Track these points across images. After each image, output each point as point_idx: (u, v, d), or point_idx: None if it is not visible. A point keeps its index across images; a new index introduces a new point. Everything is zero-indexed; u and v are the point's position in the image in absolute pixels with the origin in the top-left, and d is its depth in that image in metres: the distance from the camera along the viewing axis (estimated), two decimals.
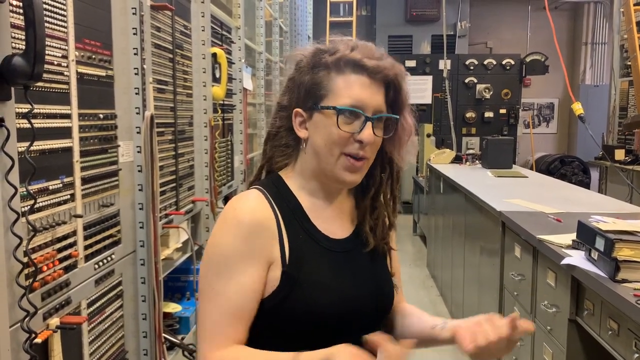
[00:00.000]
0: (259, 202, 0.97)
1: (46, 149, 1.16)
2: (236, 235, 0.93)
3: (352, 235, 1.05)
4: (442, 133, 7.47)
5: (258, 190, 1.00)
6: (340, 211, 1.06)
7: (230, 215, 0.95)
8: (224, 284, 0.92)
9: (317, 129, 0.97)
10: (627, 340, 1.55)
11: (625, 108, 5.50)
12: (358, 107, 0.95)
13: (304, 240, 0.98)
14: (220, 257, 0.93)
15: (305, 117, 0.99)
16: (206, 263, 0.95)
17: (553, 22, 5.13)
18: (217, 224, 0.96)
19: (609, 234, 1.66)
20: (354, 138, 0.95)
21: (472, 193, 3.26)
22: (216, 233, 0.95)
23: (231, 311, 0.91)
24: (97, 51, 1.39)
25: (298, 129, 1.00)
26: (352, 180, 0.98)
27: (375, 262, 1.07)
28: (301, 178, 1.03)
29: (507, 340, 0.96)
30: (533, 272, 2.27)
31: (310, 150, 1.00)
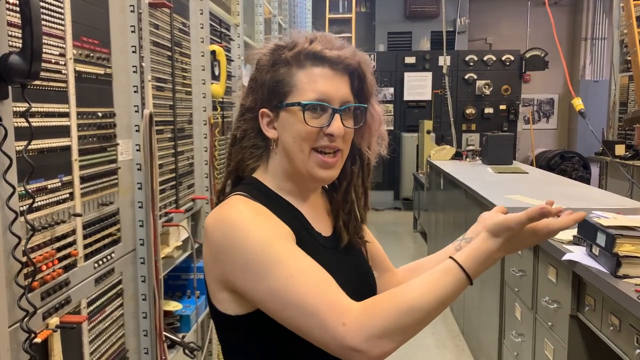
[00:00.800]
0: (253, 203, 0.93)
1: (44, 148, 1.15)
2: (259, 225, 0.88)
3: (333, 232, 1.04)
4: (442, 129, 7.46)
5: (241, 195, 0.95)
6: (319, 210, 1.05)
7: (237, 217, 0.89)
8: (287, 264, 0.84)
9: (284, 128, 0.95)
10: (628, 336, 1.55)
11: (625, 103, 5.50)
12: (323, 100, 0.93)
13: (306, 237, 0.96)
14: (261, 250, 0.85)
15: (272, 116, 0.97)
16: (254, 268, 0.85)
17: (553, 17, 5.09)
18: (229, 235, 0.87)
19: (610, 229, 1.66)
20: (323, 132, 0.93)
21: (472, 189, 3.26)
22: (238, 241, 0.86)
23: (317, 277, 0.84)
24: (95, 49, 1.38)
25: (266, 130, 0.97)
26: (326, 176, 0.97)
27: (358, 257, 1.08)
28: (276, 179, 1.00)
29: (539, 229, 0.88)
30: (534, 268, 2.27)
31: (280, 150, 0.97)
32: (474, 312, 3.33)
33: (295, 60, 0.94)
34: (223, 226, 0.89)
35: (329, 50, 0.94)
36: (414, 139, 7.33)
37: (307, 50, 0.94)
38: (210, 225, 0.92)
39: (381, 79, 8.05)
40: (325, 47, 0.94)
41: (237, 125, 1.02)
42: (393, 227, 6.93)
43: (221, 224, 0.90)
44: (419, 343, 3.54)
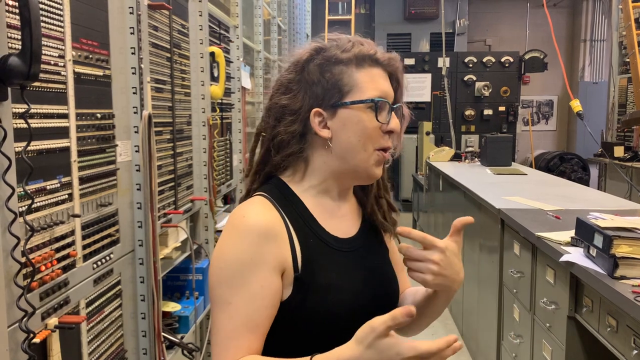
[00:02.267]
0: (266, 208, 0.94)
1: (43, 149, 1.16)
2: (247, 242, 0.89)
3: (358, 232, 1.04)
4: (441, 131, 7.47)
5: (262, 196, 0.97)
6: (346, 209, 1.05)
7: (239, 222, 0.91)
8: (237, 293, 0.88)
9: (345, 126, 0.95)
10: (625, 337, 1.56)
11: (624, 105, 5.50)
12: (384, 98, 0.96)
13: (314, 243, 0.96)
14: (231, 266, 0.89)
15: (325, 116, 0.96)
16: (216, 273, 0.90)
17: (552, 19, 5.09)
18: (225, 233, 0.92)
19: (607, 230, 1.67)
20: (383, 129, 0.96)
21: (471, 191, 3.27)
22: (225, 242, 0.91)
23: (245, 322, 0.88)
24: (94, 51, 1.39)
25: (319, 130, 0.96)
26: (380, 173, 0.99)
27: (382, 259, 1.07)
28: (311, 179, 1.00)
29: None
30: (532, 269, 2.27)
31: (336, 150, 0.96)
32: (473, 314, 3.33)
33: (355, 60, 0.96)
34: (229, 222, 0.94)
35: (381, 53, 0.99)
36: (414, 141, 7.33)
37: (364, 52, 0.97)
38: (230, 215, 0.96)
39: None
40: (376, 50, 0.99)
41: (276, 129, 0.99)
42: None
43: (230, 220, 0.94)
44: None
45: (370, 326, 0.79)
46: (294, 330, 0.93)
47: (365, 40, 1.01)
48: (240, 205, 0.97)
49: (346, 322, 0.91)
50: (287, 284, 0.91)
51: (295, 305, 0.91)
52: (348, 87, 0.95)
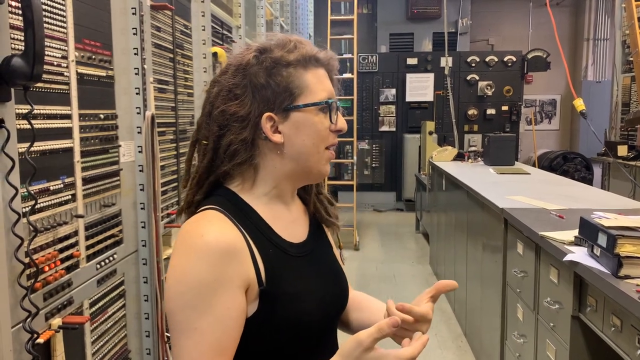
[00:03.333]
0: (224, 224, 0.89)
1: (47, 150, 1.16)
2: (209, 263, 0.83)
3: (309, 235, 1.03)
4: (444, 130, 7.46)
5: (215, 210, 0.92)
6: (296, 212, 1.03)
7: (198, 242, 0.85)
8: (202, 318, 0.83)
9: (299, 130, 0.93)
10: (630, 337, 1.55)
11: (627, 104, 5.49)
12: (331, 98, 0.96)
13: (274, 253, 0.93)
14: (194, 289, 0.83)
15: (276, 120, 0.93)
16: (177, 298, 0.84)
17: (555, 18, 5.07)
18: (182, 253, 0.86)
19: (611, 230, 1.66)
20: (331, 129, 0.96)
21: (474, 190, 3.26)
22: (184, 263, 0.85)
23: (213, 347, 0.83)
24: (97, 51, 1.39)
25: (271, 135, 0.92)
26: (328, 171, 1.00)
27: (332, 257, 1.07)
28: (263, 186, 0.97)
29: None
30: (535, 269, 2.26)
31: (289, 154, 0.94)
32: (476, 313, 3.33)
33: (302, 61, 0.94)
34: (184, 241, 0.88)
35: (322, 53, 0.97)
36: (416, 140, 7.33)
37: (308, 52, 0.95)
38: (181, 232, 0.90)
39: (383, 80, 8.06)
40: (317, 50, 0.97)
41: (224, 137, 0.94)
42: (395, 228, 6.93)
43: (185, 239, 0.88)
44: None
45: (357, 340, 0.79)
46: (262, 343, 0.90)
47: (302, 38, 0.98)
48: (192, 221, 0.91)
49: (313, 328, 0.93)
50: (251, 299, 0.88)
51: (263, 318, 0.89)
52: (299, 89, 0.93)
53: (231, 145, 0.93)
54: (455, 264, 3.98)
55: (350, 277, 4.98)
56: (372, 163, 8.04)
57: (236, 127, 0.92)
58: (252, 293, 0.88)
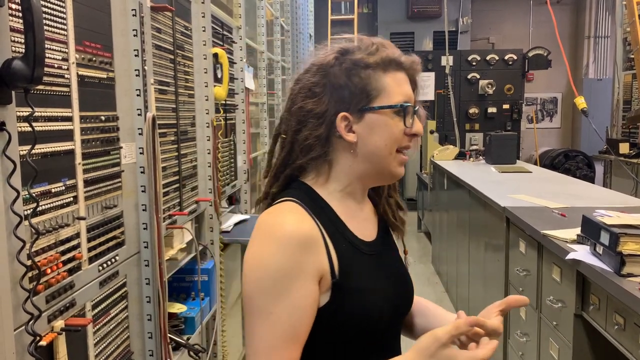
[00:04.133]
0: (302, 216, 0.93)
1: (48, 152, 1.16)
2: (288, 252, 0.87)
3: (378, 234, 1.05)
4: (445, 129, 7.46)
5: (293, 202, 0.96)
6: (367, 211, 1.06)
7: (277, 231, 0.89)
8: (277, 304, 0.86)
9: (373, 131, 0.96)
10: (633, 335, 1.55)
11: (629, 101, 5.48)
12: (409, 102, 0.98)
13: (347, 248, 0.96)
14: (272, 275, 0.86)
15: (351, 120, 0.96)
16: (255, 283, 0.88)
17: (555, 16, 5.08)
18: (262, 241, 0.90)
19: (613, 228, 1.66)
20: (407, 133, 0.98)
21: (476, 189, 3.26)
22: (263, 250, 0.88)
23: (287, 333, 0.87)
24: (98, 53, 1.39)
25: (345, 134, 0.96)
26: (402, 172, 1.01)
27: (398, 259, 1.09)
28: (336, 182, 1.00)
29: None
30: (538, 268, 2.26)
31: (362, 154, 0.97)
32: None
33: (382, 64, 0.96)
34: (264, 230, 0.91)
35: (405, 57, 1.00)
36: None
37: (390, 56, 0.97)
38: (260, 222, 0.93)
39: None
40: (400, 54, 1.00)
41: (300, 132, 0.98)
42: None
43: (264, 228, 0.91)
44: None
45: (434, 336, 0.81)
46: (330, 336, 0.92)
47: (387, 42, 1.01)
48: (271, 211, 0.95)
49: (381, 325, 0.95)
50: (324, 290, 0.91)
51: (333, 310, 0.91)
52: (376, 91, 0.95)
53: (307, 140, 0.97)
54: (458, 263, 3.97)
55: None
56: None
57: (313, 123, 0.97)
58: (324, 284, 0.90)
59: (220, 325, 2.48)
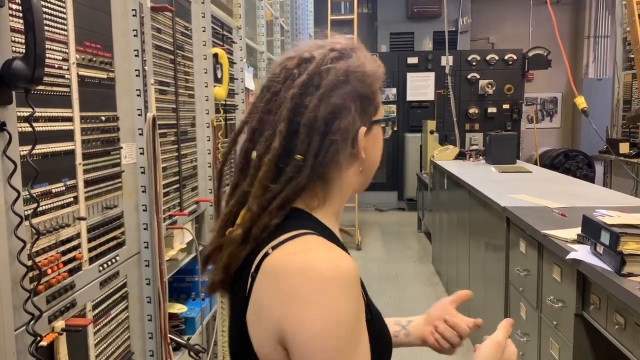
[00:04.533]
0: (337, 249, 0.78)
1: (48, 152, 1.16)
2: (352, 294, 0.72)
3: None
4: (445, 129, 7.45)
5: (311, 234, 0.78)
6: None
7: (335, 274, 0.71)
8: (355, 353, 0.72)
9: (374, 145, 0.88)
10: (634, 334, 1.55)
11: (629, 101, 5.48)
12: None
13: None
14: (345, 327, 0.71)
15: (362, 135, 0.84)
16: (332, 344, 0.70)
17: (555, 16, 5.08)
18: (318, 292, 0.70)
19: (614, 227, 1.66)
20: None
21: (476, 189, 3.26)
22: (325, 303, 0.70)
23: None
24: (98, 54, 1.39)
25: (362, 151, 0.84)
26: None
27: None
28: (331, 205, 0.86)
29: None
30: (538, 267, 2.26)
31: (366, 169, 0.88)
32: (480, 312, 3.32)
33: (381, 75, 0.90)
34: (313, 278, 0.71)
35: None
36: (418, 140, 7.32)
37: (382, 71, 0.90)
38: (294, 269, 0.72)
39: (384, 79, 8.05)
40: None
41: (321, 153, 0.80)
42: (397, 228, 6.93)
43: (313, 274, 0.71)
44: None
45: (496, 342, 0.89)
46: None
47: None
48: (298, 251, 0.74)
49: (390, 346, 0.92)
50: None
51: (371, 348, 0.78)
52: (376, 102, 0.87)
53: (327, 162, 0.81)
54: (458, 263, 3.97)
55: None
56: None
57: (340, 141, 0.81)
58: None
59: (221, 326, 2.48)
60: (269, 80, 0.85)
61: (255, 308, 0.74)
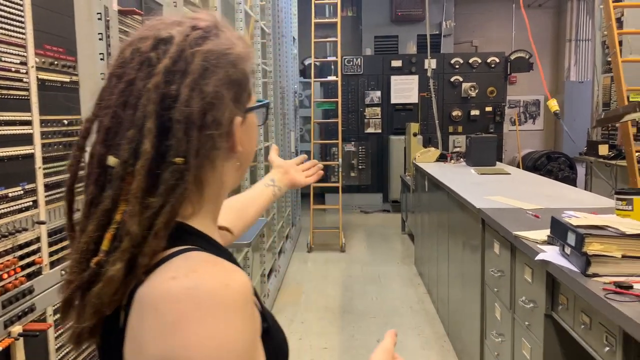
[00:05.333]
0: (226, 263, 0.65)
1: (5, 156, 1.15)
2: (244, 316, 0.62)
3: None
4: (429, 132, 7.50)
5: (196, 250, 0.66)
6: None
7: (224, 294, 0.60)
8: None
9: (250, 136, 0.77)
10: (598, 334, 1.56)
11: (608, 104, 5.55)
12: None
13: None
14: (242, 356, 0.61)
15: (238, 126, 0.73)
16: None
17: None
18: (202, 316, 0.59)
19: (579, 229, 1.68)
20: None
21: (453, 191, 3.28)
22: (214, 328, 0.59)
23: None
24: (60, 57, 1.38)
25: (236, 143, 0.73)
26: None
27: None
28: (206, 208, 0.73)
29: None
30: (511, 268, 2.28)
31: (242, 164, 0.78)
32: (458, 313, 3.34)
33: (252, 57, 0.78)
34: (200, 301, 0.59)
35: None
36: (402, 142, 7.36)
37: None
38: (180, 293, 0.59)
39: (368, 82, 8.09)
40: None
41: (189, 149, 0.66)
42: (382, 229, 6.95)
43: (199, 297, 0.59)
44: (405, 345, 3.54)
45: (386, 349, 0.86)
46: None
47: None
48: (181, 273, 0.61)
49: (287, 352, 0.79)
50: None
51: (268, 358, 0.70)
52: (250, 88, 0.76)
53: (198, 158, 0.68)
54: (438, 264, 3.99)
55: (336, 278, 4.99)
56: (359, 165, 8.06)
57: (217, 136, 0.69)
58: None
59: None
60: (117, 66, 0.69)
61: (134, 347, 0.61)
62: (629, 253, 1.59)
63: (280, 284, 4.82)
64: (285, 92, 5.75)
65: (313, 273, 5.25)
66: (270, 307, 4.15)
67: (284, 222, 5.36)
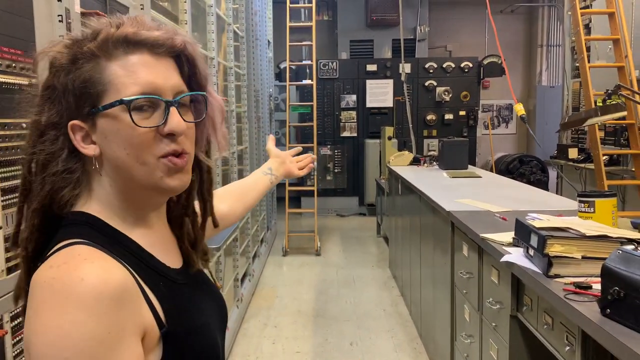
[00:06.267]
0: (106, 260, 0.69)
1: None
2: (98, 313, 0.64)
3: (183, 263, 0.87)
4: (404, 136, 7.55)
5: (83, 244, 0.71)
6: (166, 239, 0.86)
7: (77, 289, 0.64)
8: None
9: (109, 138, 0.75)
10: (559, 334, 1.60)
11: (577, 108, 5.67)
12: (151, 93, 0.74)
13: (165, 286, 0.77)
14: (83, 352, 0.62)
15: (86, 128, 0.75)
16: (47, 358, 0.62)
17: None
18: (52, 308, 0.63)
19: (541, 230, 1.71)
20: (161, 133, 0.75)
21: (425, 194, 3.31)
22: (60, 321, 0.62)
23: None
24: (18, 59, 1.36)
25: (82, 147, 0.75)
26: (178, 184, 0.78)
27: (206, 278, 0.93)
28: (112, 208, 0.78)
29: None
30: (479, 270, 2.31)
31: (110, 169, 0.76)
32: (430, 315, 3.37)
33: (103, 50, 0.74)
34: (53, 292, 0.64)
35: (145, 32, 0.75)
36: (377, 146, 7.40)
37: (116, 35, 0.74)
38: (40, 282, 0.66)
39: (344, 86, 8.12)
40: (139, 29, 0.75)
41: (34, 149, 0.75)
42: (357, 233, 6.97)
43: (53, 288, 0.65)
44: (377, 348, 3.55)
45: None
46: None
47: (131, 17, 0.77)
48: (56, 264, 0.67)
49: (213, 354, 0.82)
50: (153, 346, 0.72)
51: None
52: (100, 86, 0.74)
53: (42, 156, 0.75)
54: (411, 267, 4.02)
55: (310, 282, 4.99)
56: (335, 168, 8.08)
57: (46, 137, 0.75)
58: (152, 340, 0.72)
59: None
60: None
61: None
62: (589, 254, 1.62)
63: (255, 288, 4.80)
64: (260, 95, 5.74)
65: (288, 277, 5.24)
66: (243, 311, 4.13)
67: (258, 226, 5.34)
